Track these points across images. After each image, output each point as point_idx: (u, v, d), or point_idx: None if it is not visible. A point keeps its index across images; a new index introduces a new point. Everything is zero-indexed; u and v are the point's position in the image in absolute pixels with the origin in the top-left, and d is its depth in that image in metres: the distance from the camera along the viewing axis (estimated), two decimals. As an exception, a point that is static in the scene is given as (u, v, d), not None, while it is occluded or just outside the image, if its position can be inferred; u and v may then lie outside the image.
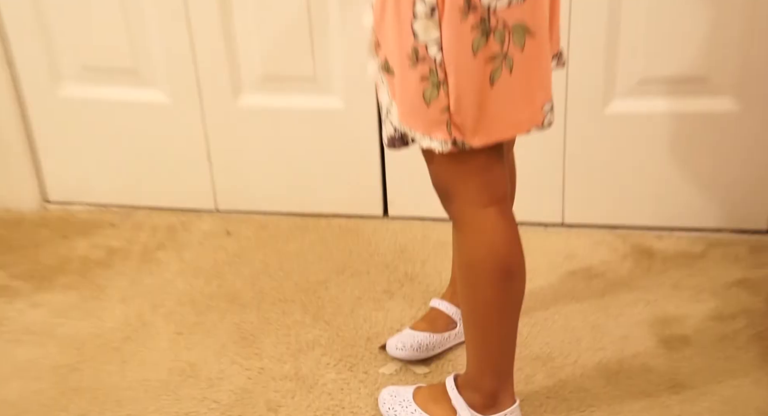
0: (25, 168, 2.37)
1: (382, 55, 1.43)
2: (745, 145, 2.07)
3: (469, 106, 1.36)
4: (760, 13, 1.96)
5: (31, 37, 2.26)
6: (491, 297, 1.52)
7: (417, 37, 1.33)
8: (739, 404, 1.62)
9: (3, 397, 1.74)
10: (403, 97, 1.41)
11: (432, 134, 1.38)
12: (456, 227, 1.52)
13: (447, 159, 1.43)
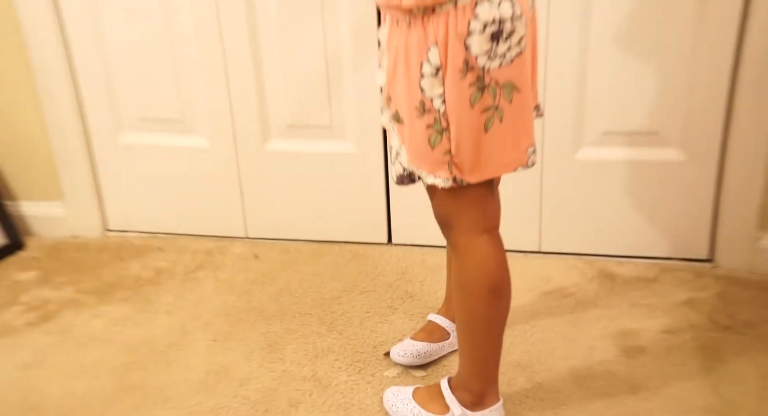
0: (91, 202, 2.36)
1: (393, 108, 1.45)
2: (689, 188, 2.09)
3: (467, 149, 1.38)
4: (699, 80, 1.98)
5: (100, 94, 2.26)
6: (482, 312, 1.53)
7: (424, 92, 1.35)
8: (685, 402, 1.64)
9: (71, 391, 1.75)
10: (411, 142, 1.43)
11: (436, 173, 1.40)
12: (454, 252, 1.54)
13: (447, 193, 1.45)
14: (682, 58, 1.99)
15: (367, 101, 2.15)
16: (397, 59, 1.41)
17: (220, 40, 2.17)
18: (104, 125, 2.32)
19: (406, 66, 1.39)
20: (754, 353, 1.79)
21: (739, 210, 2.08)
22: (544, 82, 2.04)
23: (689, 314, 1.94)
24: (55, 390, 1.77)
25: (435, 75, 1.34)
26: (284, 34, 2.15)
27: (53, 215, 2.40)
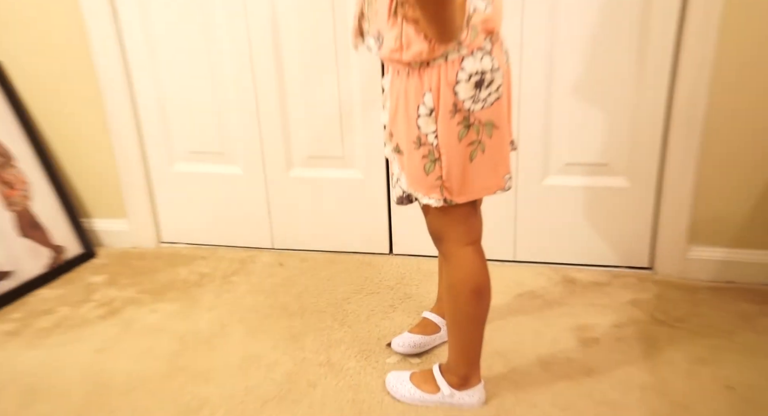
0: (148, 219, 2.37)
1: (395, 141, 1.48)
2: (633, 209, 2.11)
3: (455, 175, 1.42)
4: (640, 121, 2.01)
5: (157, 132, 2.28)
6: (467, 309, 1.57)
7: (420, 129, 1.40)
8: (628, 382, 1.68)
9: (133, 371, 1.79)
10: (409, 169, 1.47)
11: (430, 195, 1.45)
12: (444, 260, 1.57)
13: (439, 212, 1.49)
14: (625, 104, 2.01)
15: (372, 137, 2.18)
16: (398, 102, 1.44)
17: (253, 86, 2.17)
18: (160, 157, 2.33)
19: (405, 108, 1.42)
20: (683, 342, 1.83)
21: (672, 228, 2.10)
22: (518, 122, 2.07)
23: (633, 311, 1.97)
24: (120, 370, 1.80)
25: (429, 115, 1.38)
26: (305, 81, 2.15)
27: (118, 230, 2.41)
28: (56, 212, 2.29)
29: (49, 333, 1.99)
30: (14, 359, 1.88)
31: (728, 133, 1.98)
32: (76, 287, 2.20)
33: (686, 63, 1.92)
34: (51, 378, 1.81)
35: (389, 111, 1.50)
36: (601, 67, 1.99)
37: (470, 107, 1.38)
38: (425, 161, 1.45)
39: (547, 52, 2.00)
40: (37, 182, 2.26)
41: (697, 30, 1.88)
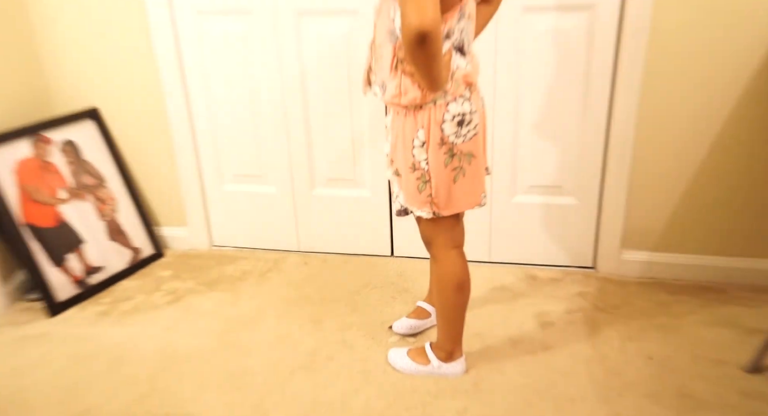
0: (203, 228, 2.36)
1: (394, 167, 1.52)
2: (580, 222, 2.12)
3: (442, 194, 1.47)
4: (585, 153, 2.02)
5: (211, 159, 2.28)
6: (452, 300, 1.61)
7: (415, 157, 1.45)
8: (577, 356, 1.72)
9: (192, 345, 1.84)
10: (406, 189, 1.51)
11: (422, 208, 1.50)
12: (433, 261, 1.62)
13: (429, 222, 1.54)
14: (573, 139, 2.03)
15: (377, 164, 2.19)
16: (397, 136, 1.48)
17: (284, 123, 2.19)
18: (213, 179, 2.34)
19: (403, 141, 1.46)
20: (617, 324, 1.88)
21: (610, 236, 2.11)
22: (492, 153, 2.08)
23: (580, 301, 2.00)
24: (183, 343, 1.86)
25: (422, 146, 1.43)
26: (325, 119, 2.16)
27: (180, 235, 2.41)
28: (135, 222, 2.31)
29: (130, 315, 2.04)
30: (104, 333, 1.94)
31: (651, 162, 2.00)
32: (149, 280, 2.23)
33: (618, 107, 1.95)
34: (131, 348, 1.87)
35: (390, 143, 1.52)
36: (555, 110, 2.01)
37: (454, 140, 1.42)
38: (418, 182, 1.48)
39: (514, 98, 2.01)
40: (122, 198, 2.28)
41: (626, 82, 1.90)
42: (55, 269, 2.05)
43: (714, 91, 1.84)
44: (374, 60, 1.48)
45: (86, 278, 2.13)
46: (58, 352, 1.85)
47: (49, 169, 2.08)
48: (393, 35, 1.39)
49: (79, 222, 2.15)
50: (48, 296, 2.00)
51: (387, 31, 1.39)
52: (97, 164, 2.24)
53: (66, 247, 2.08)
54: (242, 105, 2.20)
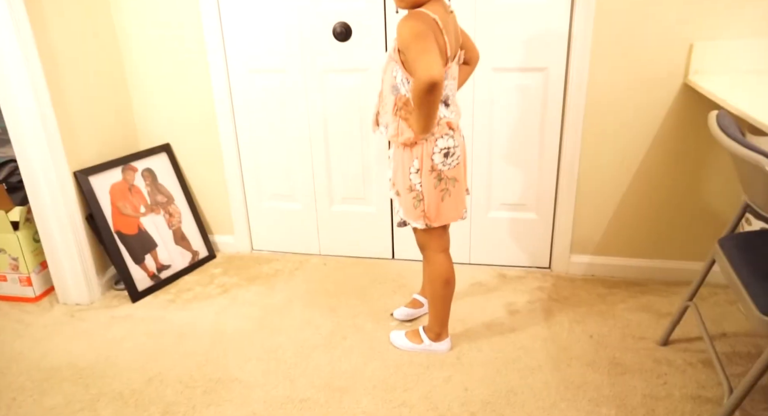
0: (246, 235, 2.34)
1: (395, 188, 1.55)
2: (539, 232, 2.11)
3: (432, 209, 1.52)
4: (544, 177, 2.03)
5: (253, 180, 2.27)
6: (441, 292, 1.64)
7: (411, 181, 1.49)
8: (535, 336, 1.75)
9: (237, 326, 1.86)
10: (404, 205, 1.55)
11: (417, 221, 1.54)
12: (426, 262, 1.65)
13: (423, 231, 1.58)
14: (533, 166, 2.04)
15: (381, 186, 2.19)
16: (398, 165, 1.52)
17: (310, 153, 2.18)
18: (254, 197, 2.32)
19: (402, 168, 1.51)
20: (566, 311, 1.90)
21: (561, 243, 2.10)
22: (471, 177, 2.09)
23: (539, 294, 2.01)
24: (230, 325, 1.88)
25: (416, 173, 1.48)
26: (342, 151, 2.16)
27: (228, 242, 2.39)
28: (194, 230, 2.30)
29: (190, 302, 2.05)
30: (171, 316, 1.97)
31: (592, 185, 2.01)
32: (205, 276, 2.22)
33: (566, 142, 1.96)
34: (192, 327, 1.90)
35: (392, 170, 1.55)
36: (519, 145, 2.02)
37: (441, 168, 1.47)
38: (414, 201, 1.52)
39: (488, 136, 2.03)
40: (185, 212, 2.28)
41: (571, 123, 1.92)
42: (136, 267, 2.07)
43: (637, 128, 1.90)
44: (381, 106, 1.52)
45: (158, 274, 2.14)
46: (138, 329, 1.88)
47: (133, 190, 2.12)
48: (395, 89, 1.44)
49: (153, 230, 2.15)
50: (131, 286, 2.04)
51: (390, 85, 1.45)
52: (167, 186, 2.24)
53: (144, 249, 2.10)
54: (277, 141, 2.21)
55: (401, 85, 1.42)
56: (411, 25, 1.33)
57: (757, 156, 1.07)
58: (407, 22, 1.34)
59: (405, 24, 1.34)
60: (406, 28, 1.33)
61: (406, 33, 1.33)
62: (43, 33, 1.83)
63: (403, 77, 1.41)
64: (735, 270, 1.32)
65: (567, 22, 1.82)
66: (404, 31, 1.33)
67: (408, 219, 1.56)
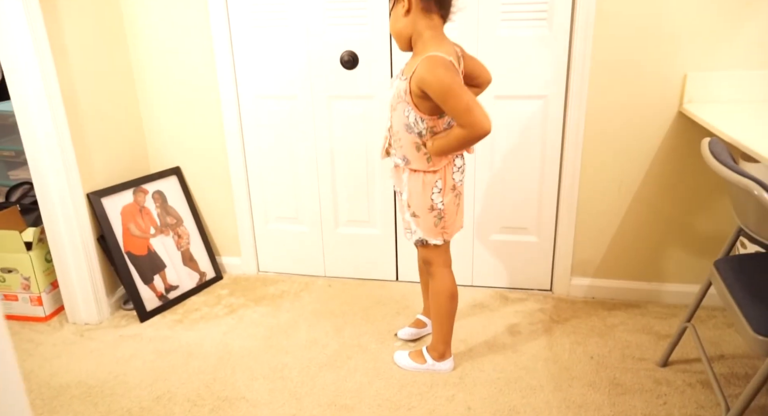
0: (252, 257, 2.38)
1: (411, 210, 1.58)
2: (540, 255, 2.14)
3: (449, 224, 1.58)
4: (543, 200, 2.07)
5: (261, 204, 2.30)
6: (446, 307, 1.66)
7: (433, 200, 1.54)
8: (537, 356, 1.77)
9: (244, 345, 1.89)
10: (424, 226, 1.58)
11: (436, 238, 1.59)
12: (431, 278, 1.66)
13: (431, 248, 1.62)
14: (534, 192, 2.07)
15: (385, 209, 2.22)
16: (415, 188, 1.55)
17: (317, 180, 2.22)
18: (261, 220, 2.35)
19: (423, 191, 1.54)
20: (567, 332, 1.92)
21: (562, 266, 2.13)
22: (474, 200, 2.11)
23: (540, 315, 2.04)
24: (237, 344, 1.91)
25: (439, 192, 1.53)
26: (347, 173, 2.19)
27: (235, 263, 2.42)
28: (202, 252, 2.33)
29: (197, 322, 2.07)
30: (179, 335, 1.99)
31: (591, 210, 2.05)
32: (212, 296, 2.24)
33: (566, 168, 2.01)
34: (199, 346, 1.92)
35: (408, 193, 1.57)
36: (521, 170, 2.06)
37: (458, 184, 1.55)
38: (435, 219, 1.56)
39: (492, 162, 2.07)
40: (193, 234, 2.32)
41: (571, 150, 1.97)
42: (145, 287, 2.10)
43: (634, 154, 1.95)
44: (393, 140, 1.55)
45: (166, 294, 2.16)
46: (146, 348, 1.91)
47: (143, 212, 2.17)
48: (409, 127, 1.49)
49: (162, 251, 2.19)
50: (139, 306, 2.07)
51: (403, 124, 1.50)
52: (177, 208, 2.28)
53: (153, 270, 2.14)
54: (285, 164, 2.25)
55: (415, 125, 1.47)
56: (438, 76, 1.36)
57: (746, 181, 1.13)
58: (433, 74, 1.36)
59: (431, 74, 1.37)
60: (434, 80, 1.36)
61: (437, 86, 1.36)
62: (63, 60, 1.91)
63: (417, 117, 1.46)
64: (730, 291, 1.37)
65: (566, 52, 1.89)
66: (433, 82, 1.37)
67: (428, 238, 1.59)
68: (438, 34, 1.45)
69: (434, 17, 1.43)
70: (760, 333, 1.20)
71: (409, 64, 1.48)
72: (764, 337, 1.19)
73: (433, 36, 1.44)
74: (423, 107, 1.44)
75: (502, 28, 1.91)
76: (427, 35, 1.43)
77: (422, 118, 1.45)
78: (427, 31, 1.43)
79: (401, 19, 1.44)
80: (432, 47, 1.41)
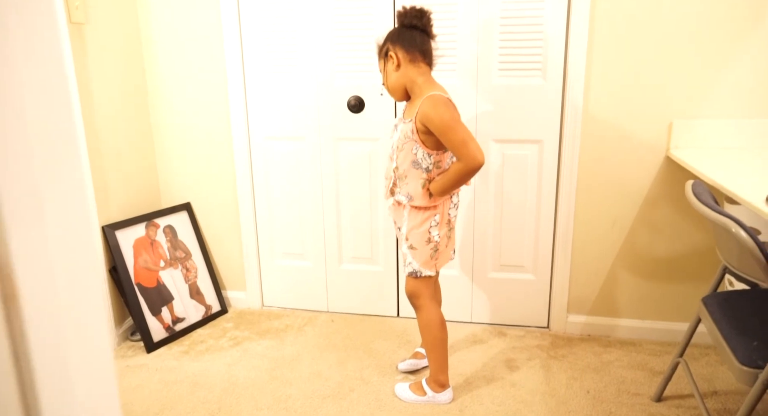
0: (257, 292, 2.41)
1: (409, 243, 1.65)
2: (537, 293, 2.19)
3: (442, 255, 1.67)
4: (540, 241, 2.13)
5: (267, 242, 2.36)
6: (438, 335, 1.71)
7: (430, 233, 1.63)
8: (535, 390, 1.81)
9: (248, 377, 1.92)
10: (420, 258, 1.65)
11: (431, 270, 1.66)
12: (418, 311, 1.73)
13: (419, 280, 1.68)
14: (532, 232, 2.14)
15: (388, 246, 2.27)
16: (414, 222, 1.63)
17: (322, 216, 2.27)
18: (267, 256, 2.40)
19: (422, 225, 1.62)
20: (564, 368, 1.96)
21: (558, 304, 2.17)
22: (473, 238, 2.17)
23: (538, 351, 2.07)
24: (241, 376, 1.94)
25: (436, 226, 1.63)
26: (352, 212, 2.24)
27: (240, 297, 2.45)
28: (209, 286, 2.38)
29: (203, 354, 2.10)
30: (185, 366, 2.02)
31: (586, 249, 2.12)
32: (217, 329, 2.28)
33: (561, 208, 2.08)
34: (205, 377, 1.95)
35: (407, 227, 1.65)
36: (519, 210, 2.13)
37: (452, 219, 1.64)
38: (431, 251, 1.64)
39: (490, 201, 2.14)
40: (201, 268, 2.37)
41: (565, 192, 2.05)
42: (153, 318, 2.14)
43: (626, 196, 2.05)
44: (398, 179, 1.64)
45: (173, 326, 2.21)
46: (153, 378, 1.94)
47: (154, 245, 2.24)
48: (416, 164, 1.60)
49: (171, 284, 2.24)
50: (147, 337, 2.11)
51: (411, 162, 1.60)
52: (186, 242, 2.35)
53: (161, 302, 2.19)
54: (292, 202, 2.32)
55: (423, 160, 1.59)
56: (440, 113, 1.50)
57: (724, 219, 1.23)
58: (435, 111, 1.50)
59: (434, 111, 1.51)
60: (436, 116, 1.50)
61: (438, 121, 1.50)
62: (89, 107, 2.02)
63: (424, 153, 1.58)
64: (717, 326, 1.45)
65: (560, 100, 2.01)
66: (435, 118, 1.50)
67: (423, 269, 1.66)
68: (429, 79, 1.59)
69: (421, 65, 1.58)
70: (744, 364, 1.28)
71: (410, 108, 1.61)
72: (749, 368, 1.27)
73: (426, 80, 1.58)
74: (429, 142, 1.56)
75: (499, 77, 2.03)
76: (420, 81, 1.57)
77: (429, 153, 1.56)
78: (419, 78, 1.58)
79: (393, 73, 1.59)
80: (428, 89, 1.55)
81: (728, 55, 1.88)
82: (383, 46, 1.62)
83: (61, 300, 0.38)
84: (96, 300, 0.42)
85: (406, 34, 1.57)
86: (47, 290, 0.37)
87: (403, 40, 1.57)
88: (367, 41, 2.08)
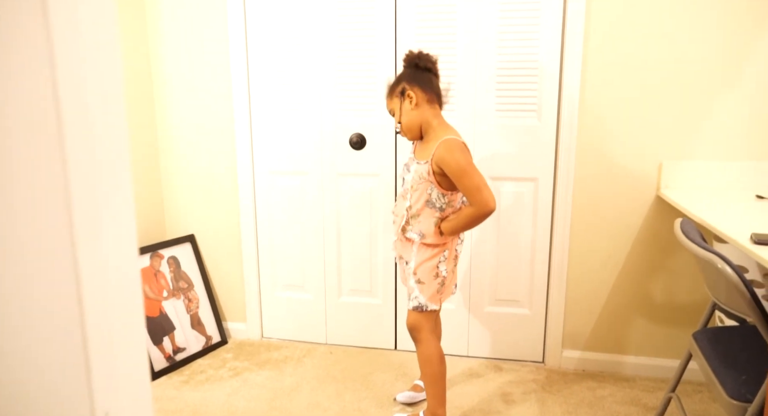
0: (257, 323, 2.43)
1: (417, 277, 1.68)
2: (532, 327, 2.20)
3: (446, 289, 1.70)
4: (536, 275, 2.15)
5: (269, 275, 2.37)
6: (437, 368, 1.72)
7: (438, 268, 1.66)
8: None
9: (248, 407, 1.92)
10: (427, 292, 1.68)
11: (436, 304, 1.69)
12: (419, 345, 1.73)
13: (421, 315, 1.70)
14: (527, 268, 2.16)
15: (387, 280, 2.29)
16: (423, 258, 1.66)
17: (323, 249, 2.31)
18: (268, 289, 2.42)
19: (431, 261, 1.66)
20: (559, 402, 1.98)
21: (553, 339, 2.19)
22: (470, 274, 2.19)
23: (533, 385, 2.09)
24: (241, 406, 1.94)
25: (444, 261, 1.66)
26: (352, 246, 2.27)
27: (240, 328, 2.47)
28: (210, 316, 2.39)
29: (203, 383, 2.11)
30: (185, 396, 2.03)
31: (580, 286, 2.15)
32: (217, 360, 2.29)
33: (556, 245, 2.11)
34: (204, 407, 1.96)
35: (415, 262, 1.67)
36: (515, 246, 2.16)
37: (458, 254, 1.69)
38: (438, 286, 1.67)
39: (485, 235, 2.17)
40: (202, 299, 2.39)
41: (560, 229, 2.09)
42: (154, 347, 2.15)
43: (618, 234, 2.09)
44: (411, 217, 1.67)
45: (173, 356, 2.22)
46: (153, 408, 1.87)
47: (158, 276, 2.27)
48: (430, 203, 1.64)
49: (173, 314, 2.27)
50: None
51: (425, 201, 1.65)
52: (189, 273, 2.39)
53: (163, 332, 2.21)
54: (293, 236, 2.35)
55: (437, 200, 1.64)
56: (456, 158, 1.55)
57: (710, 255, 1.29)
58: (452, 156, 1.55)
59: (450, 156, 1.55)
60: (452, 161, 1.55)
61: (454, 166, 1.55)
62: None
63: (439, 194, 1.63)
64: (707, 360, 1.49)
65: (554, 139, 2.08)
66: (451, 163, 1.55)
67: (429, 303, 1.68)
68: (443, 121, 1.65)
69: (436, 107, 1.64)
70: (733, 397, 1.31)
71: (423, 149, 1.65)
72: (738, 401, 1.30)
73: (440, 123, 1.64)
74: (444, 183, 1.61)
75: (496, 117, 2.10)
76: (435, 123, 1.63)
77: (443, 193, 1.61)
78: (434, 120, 1.63)
79: (410, 112, 1.63)
80: (443, 132, 1.60)
81: (714, 99, 1.96)
82: (397, 86, 1.65)
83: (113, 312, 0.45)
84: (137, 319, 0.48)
85: (424, 76, 1.63)
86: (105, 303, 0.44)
87: (421, 82, 1.62)
88: (370, 81, 2.16)
